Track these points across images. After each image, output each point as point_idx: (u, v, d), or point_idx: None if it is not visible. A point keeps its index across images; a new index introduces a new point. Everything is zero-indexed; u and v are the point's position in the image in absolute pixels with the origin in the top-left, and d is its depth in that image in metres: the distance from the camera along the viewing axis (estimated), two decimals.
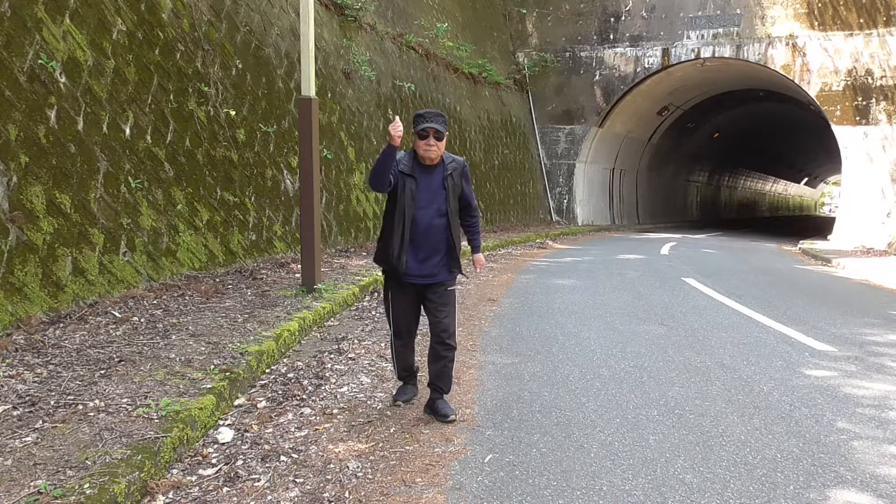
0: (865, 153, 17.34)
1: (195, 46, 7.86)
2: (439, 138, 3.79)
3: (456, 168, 3.94)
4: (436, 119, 3.78)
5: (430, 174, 3.86)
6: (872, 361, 5.49)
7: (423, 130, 3.76)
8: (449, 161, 3.93)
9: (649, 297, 8.40)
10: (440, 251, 3.86)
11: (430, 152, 3.79)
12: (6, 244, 4.82)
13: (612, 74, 21.22)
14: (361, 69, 11.86)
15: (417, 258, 3.82)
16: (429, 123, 3.75)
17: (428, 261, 3.84)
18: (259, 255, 8.17)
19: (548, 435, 3.74)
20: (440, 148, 3.83)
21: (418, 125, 3.77)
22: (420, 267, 3.83)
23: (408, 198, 3.79)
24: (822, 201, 70.51)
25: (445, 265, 3.89)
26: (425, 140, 3.78)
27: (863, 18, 17.28)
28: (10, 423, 3.27)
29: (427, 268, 3.84)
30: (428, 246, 3.83)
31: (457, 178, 3.92)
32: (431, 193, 3.83)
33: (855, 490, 3.16)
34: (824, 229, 23.15)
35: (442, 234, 3.86)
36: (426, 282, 3.87)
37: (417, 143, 3.81)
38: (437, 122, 3.76)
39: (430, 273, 3.85)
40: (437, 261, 3.86)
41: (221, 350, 4.61)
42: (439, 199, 3.85)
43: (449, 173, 3.89)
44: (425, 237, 3.82)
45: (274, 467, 3.23)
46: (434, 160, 3.84)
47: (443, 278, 3.90)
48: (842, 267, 12.60)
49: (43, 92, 5.52)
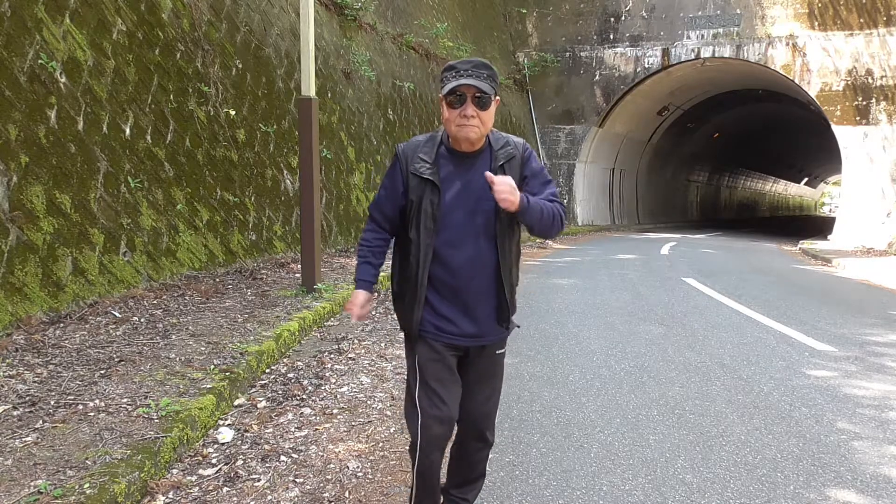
0: (865, 153, 17.34)
1: (195, 46, 7.86)
2: (483, 105, 2.26)
3: (512, 155, 2.39)
4: (477, 73, 2.26)
5: (467, 169, 2.36)
6: (872, 361, 5.48)
7: (455, 92, 2.25)
8: (499, 146, 2.40)
9: (649, 297, 8.40)
10: (486, 299, 2.40)
11: (468, 130, 2.28)
12: (6, 244, 4.82)
13: (612, 74, 21.22)
14: (361, 69, 11.86)
15: (455, 308, 2.39)
16: (465, 79, 2.23)
17: (473, 311, 2.39)
18: (259, 255, 8.17)
19: (548, 435, 3.74)
20: (485, 122, 2.30)
21: (447, 83, 2.27)
22: (459, 321, 2.40)
23: (424, 221, 2.33)
24: (822, 201, 70.50)
25: (493, 318, 2.43)
26: (460, 108, 2.26)
27: (863, 18, 17.28)
28: (10, 423, 3.27)
29: (470, 323, 2.40)
30: (466, 293, 2.38)
31: (513, 170, 2.37)
32: (471, 203, 2.33)
33: (855, 490, 3.16)
34: (824, 229, 23.15)
35: (489, 266, 2.37)
36: (469, 343, 2.43)
37: (446, 116, 2.31)
38: (478, 78, 2.25)
39: (475, 331, 2.41)
40: (483, 310, 2.41)
41: (221, 350, 4.60)
42: (484, 213, 2.34)
43: (500, 164, 2.35)
44: (460, 279, 2.36)
45: (274, 467, 3.23)
46: (475, 143, 2.34)
47: (491, 336, 2.44)
48: (842, 267, 12.60)
49: (43, 92, 5.52)
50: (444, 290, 2.38)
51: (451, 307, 2.39)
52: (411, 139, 2.47)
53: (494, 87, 2.29)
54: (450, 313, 2.39)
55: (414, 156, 2.39)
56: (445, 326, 2.39)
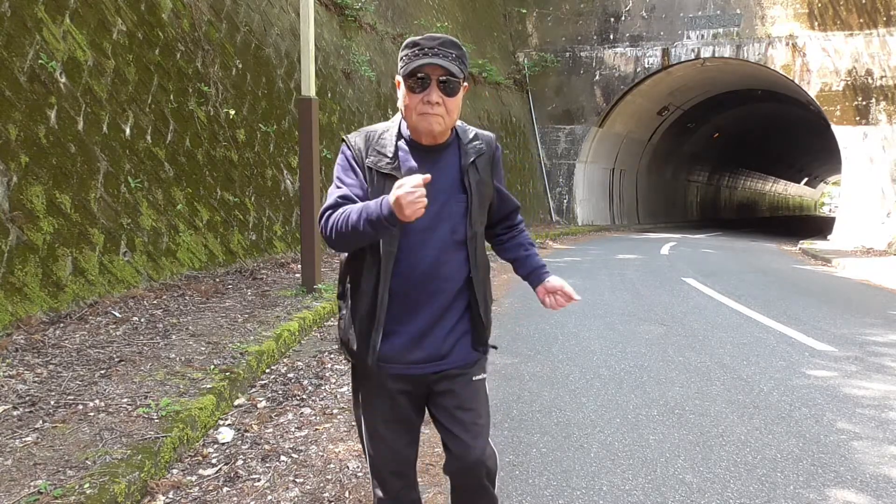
0: (865, 153, 17.35)
1: (195, 46, 7.86)
2: (450, 91, 1.89)
3: (482, 150, 2.05)
4: (444, 51, 1.87)
5: (432, 165, 1.97)
6: (872, 361, 5.49)
7: (417, 74, 1.88)
8: (468, 139, 2.05)
9: (649, 297, 8.41)
10: (455, 312, 2.04)
11: (431, 120, 1.90)
12: (6, 244, 4.82)
13: (612, 74, 21.23)
14: (361, 69, 11.86)
15: (410, 329, 1.98)
16: (430, 58, 1.85)
17: (431, 332, 2.00)
18: (259, 255, 8.17)
19: (548, 435, 3.74)
20: (451, 111, 1.92)
21: (409, 63, 1.88)
22: (415, 345, 1.99)
23: None
24: (821, 201, 70.54)
25: (465, 335, 2.07)
26: (422, 93, 1.89)
27: (863, 19, 17.29)
28: (10, 423, 3.27)
29: (429, 344, 2.00)
30: (431, 305, 1.99)
31: (483, 168, 2.04)
32: (436, 204, 1.93)
33: (855, 490, 3.16)
34: (824, 229, 23.16)
35: (458, 279, 2.02)
36: (429, 370, 2.01)
37: (406, 102, 1.93)
38: (446, 58, 1.86)
39: (437, 353, 2.01)
40: (448, 329, 2.02)
41: (221, 350, 4.60)
42: (453, 212, 1.99)
43: (472, 160, 2.01)
44: (425, 288, 1.97)
45: (274, 467, 3.23)
46: (439, 135, 1.96)
47: (460, 359, 2.05)
48: (842, 267, 12.60)
49: (43, 92, 5.52)
50: (401, 307, 1.96)
51: (409, 328, 1.97)
52: (361, 129, 2.06)
53: (463, 70, 1.90)
54: (409, 336, 1.97)
55: (368, 148, 1.98)
56: (404, 353, 1.98)
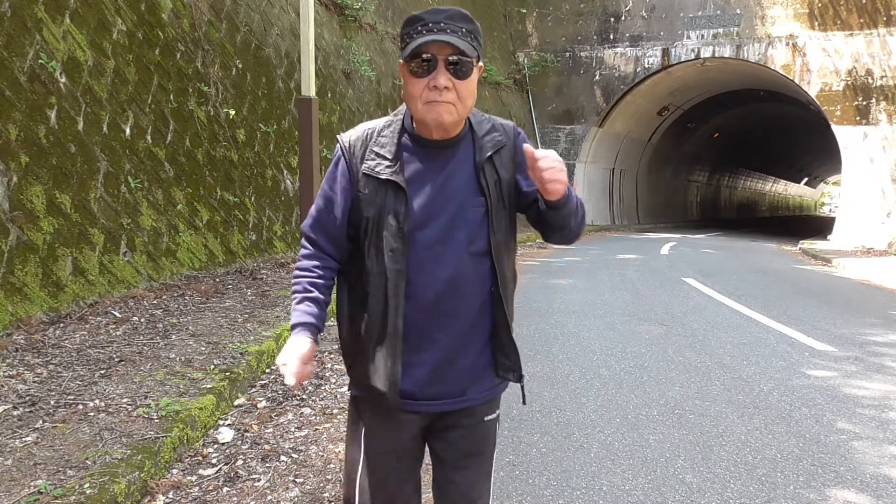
0: (865, 153, 17.35)
1: (195, 46, 7.86)
2: (462, 74, 1.57)
3: (502, 143, 1.70)
4: (453, 26, 1.55)
5: (443, 164, 1.66)
6: (872, 361, 5.49)
7: (420, 54, 1.56)
8: (483, 131, 1.70)
9: (649, 297, 8.41)
10: (476, 339, 1.70)
11: (440, 109, 1.57)
12: (6, 244, 4.82)
13: (612, 74, 21.23)
14: (361, 69, 11.86)
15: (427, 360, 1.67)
16: (434, 35, 1.54)
17: (455, 361, 1.68)
18: (259, 255, 8.17)
19: (548, 435, 3.74)
20: (464, 97, 1.59)
21: (410, 41, 1.56)
22: (435, 378, 1.68)
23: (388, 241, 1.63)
24: (822, 201, 70.53)
25: (487, 366, 1.73)
26: (428, 77, 1.56)
27: (863, 19, 17.29)
28: (10, 422, 3.27)
29: (451, 376, 1.69)
30: (450, 330, 1.67)
31: (504, 164, 1.70)
32: (450, 211, 1.64)
33: (855, 490, 3.16)
34: (824, 229, 23.15)
35: (480, 297, 1.68)
36: (440, 408, 1.71)
37: (409, 89, 1.61)
38: (455, 34, 1.55)
39: (458, 388, 1.70)
40: (472, 358, 1.71)
41: (221, 350, 4.60)
42: (469, 219, 1.66)
43: (488, 155, 1.67)
44: (442, 311, 1.65)
45: (274, 467, 3.23)
46: (450, 128, 1.64)
47: (477, 397, 1.74)
48: (842, 267, 12.60)
49: (43, 92, 5.52)
50: (417, 335, 1.65)
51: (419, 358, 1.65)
52: (359, 125, 1.74)
53: (477, 47, 1.58)
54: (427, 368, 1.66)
55: (365, 149, 1.67)
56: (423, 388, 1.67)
